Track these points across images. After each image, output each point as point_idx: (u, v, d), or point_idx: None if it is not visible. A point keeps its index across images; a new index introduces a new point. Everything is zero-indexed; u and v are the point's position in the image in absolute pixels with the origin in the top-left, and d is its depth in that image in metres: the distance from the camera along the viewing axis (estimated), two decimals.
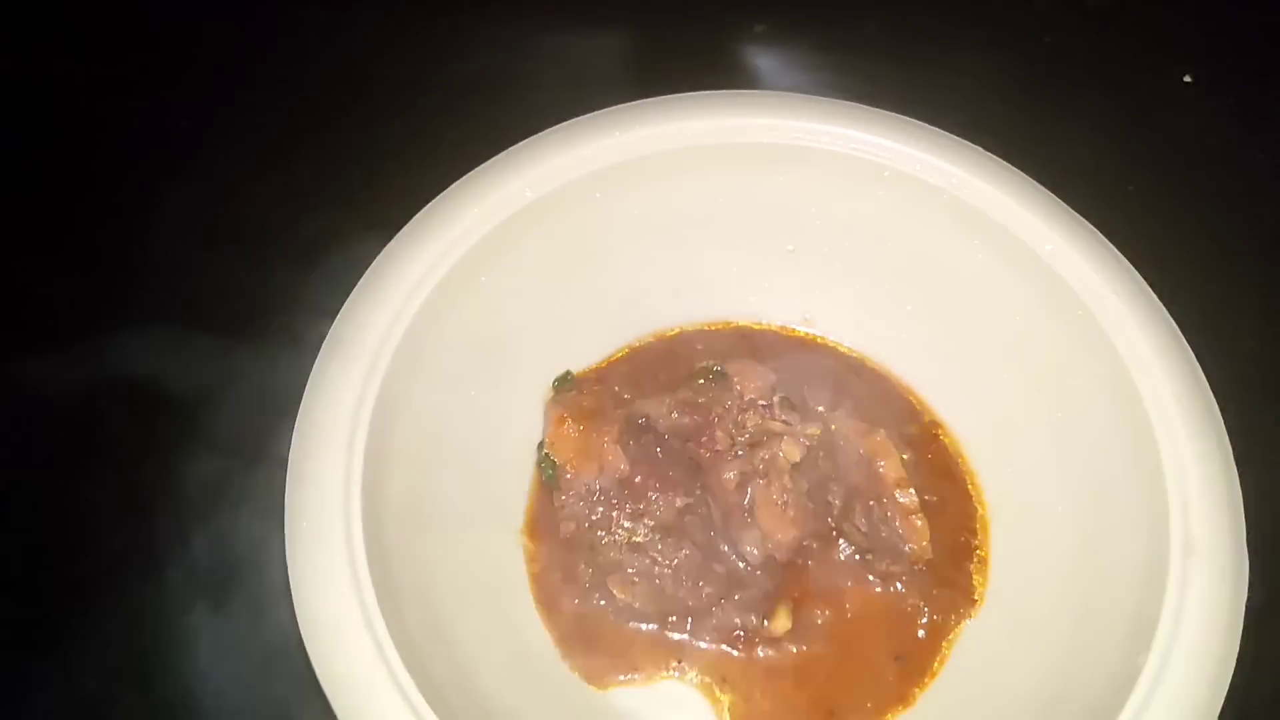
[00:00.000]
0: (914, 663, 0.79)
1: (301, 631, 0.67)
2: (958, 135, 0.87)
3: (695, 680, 0.79)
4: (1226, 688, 0.66)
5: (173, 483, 0.85)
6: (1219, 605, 0.68)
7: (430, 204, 0.82)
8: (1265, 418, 0.91)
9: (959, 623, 0.81)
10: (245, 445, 0.84)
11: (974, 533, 0.84)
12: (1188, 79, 1.12)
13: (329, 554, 0.69)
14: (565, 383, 0.87)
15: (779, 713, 0.78)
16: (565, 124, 0.86)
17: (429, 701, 0.65)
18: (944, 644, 0.80)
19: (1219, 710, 0.65)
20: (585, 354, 0.91)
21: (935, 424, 0.89)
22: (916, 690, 0.78)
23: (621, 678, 0.79)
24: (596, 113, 0.86)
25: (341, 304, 0.78)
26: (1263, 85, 1.12)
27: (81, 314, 0.94)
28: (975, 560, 0.83)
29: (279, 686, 0.80)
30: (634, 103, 0.87)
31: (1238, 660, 0.67)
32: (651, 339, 0.92)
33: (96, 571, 0.85)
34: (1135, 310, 0.77)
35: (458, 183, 0.83)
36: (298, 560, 0.69)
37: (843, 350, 0.92)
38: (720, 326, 0.93)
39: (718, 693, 0.78)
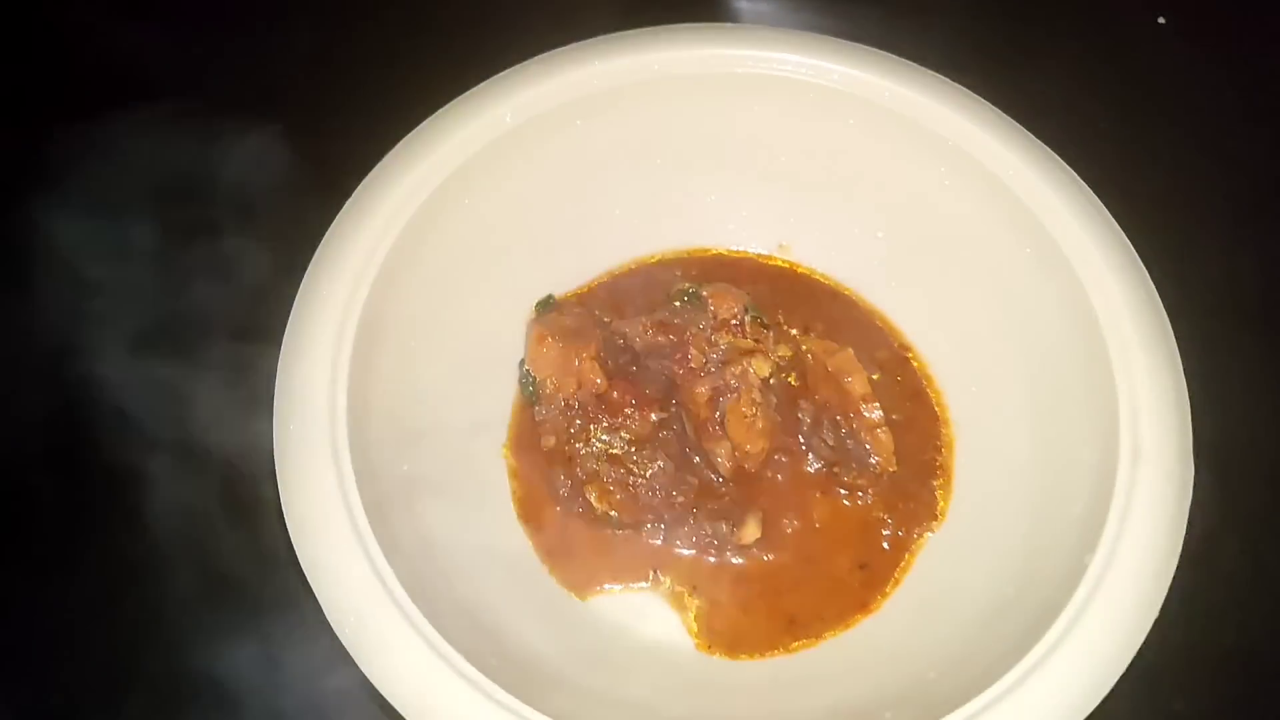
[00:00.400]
0: (877, 571, 0.83)
1: (291, 538, 0.71)
2: (932, 70, 0.90)
3: (668, 588, 0.82)
4: (1168, 585, 0.69)
5: (167, 394, 0.88)
6: (1163, 508, 0.71)
7: (417, 128, 0.85)
8: (1223, 341, 0.94)
9: (922, 534, 0.84)
10: (235, 356, 0.87)
11: (939, 450, 0.87)
12: (1161, 20, 1.14)
13: (316, 461, 0.72)
14: (547, 305, 0.90)
15: (743, 617, 0.81)
16: (548, 54, 0.89)
17: (418, 605, 0.68)
18: (907, 554, 0.83)
19: (1160, 604, 0.69)
20: (567, 279, 0.94)
21: (905, 347, 0.92)
22: (879, 597, 0.82)
23: (602, 588, 0.83)
24: (579, 43, 0.89)
25: (329, 225, 0.82)
26: (1234, 27, 1.14)
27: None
28: (940, 476, 0.86)
29: (269, 591, 0.84)
30: (617, 33, 0.90)
31: (1180, 559, 0.71)
32: (632, 265, 0.95)
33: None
34: (1093, 233, 0.80)
35: (444, 108, 0.86)
36: (286, 468, 0.73)
37: (816, 276, 0.95)
38: (699, 253, 0.96)
39: (687, 598, 0.82)
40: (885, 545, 0.84)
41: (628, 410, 0.83)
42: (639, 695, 0.75)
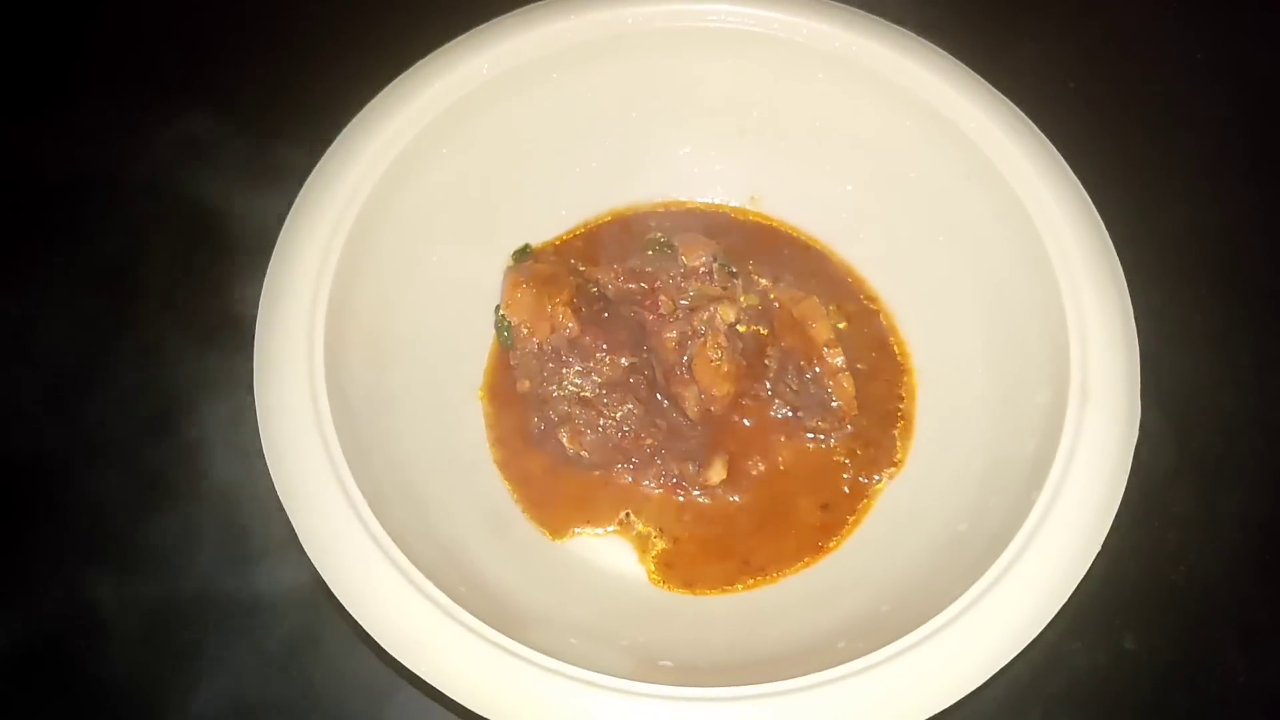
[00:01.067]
0: (838, 513, 0.86)
1: (270, 473, 0.73)
2: (901, 27, 0.92)
3: (636, 528, 0.85)
4: (1110, 521, 0.71)
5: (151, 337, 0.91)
6: (1108, 447, 0.73)
7: (396, 79, 0.87)
8: (1185, 295, 0.97)
9: (883, 478, 0.87)
10: (215, 299, 0.90)
11: (901, 397, 0.90)
12: None
13: (294, 400, 0.74)
14: (523, 255, 0.92)
15: (705, 555, 0.84)
16: (526, 7, 0.91)
17: (392, 536, 0.71)
18: (867, 497, 0.86)
19: (1102, 540, 0.71)
20: (544, 229, 0.96)
21: (870, 298, 0.94)
22: (838, 538, 0.85)
23: (574, 530, 0.86)
24: None
25: (309, 171, 0.84)
26: None
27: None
28: (901, 422, 0.89)
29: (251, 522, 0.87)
30: None
31: (1133, 501, 0.73)
32: (608, 217, 0.98)
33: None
34: (1049, 182, 0.82)
35: (423, 59, 0.88)
36: (265, 405, 0.75)
37: (787, 228, 0.97)
38: (673, 205, 0.98)
39: (654, 538, 0.85)
40: (846, 489, 0.87)
41: (599, 355, 0.85)
42: (603, 625, 0.78)
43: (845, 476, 0.87)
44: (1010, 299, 0.84)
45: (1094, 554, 0.71)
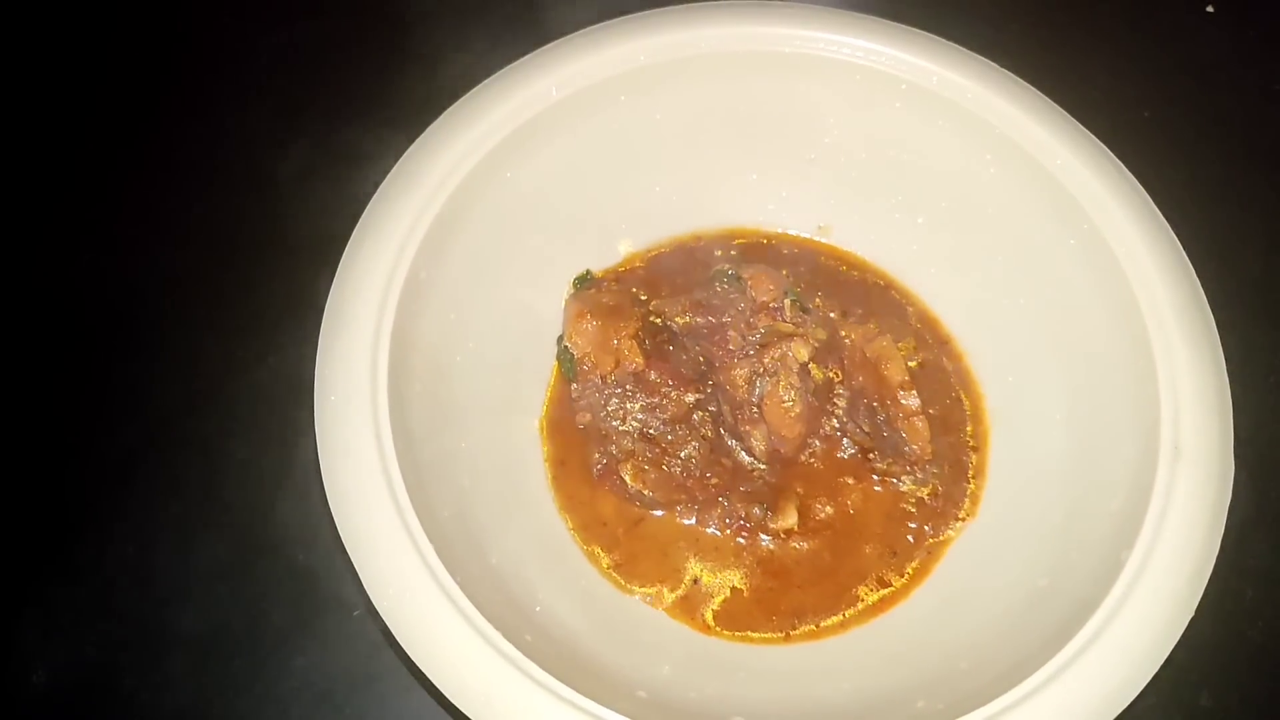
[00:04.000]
0: (907, 561, 0.83)
1: (331, 509, 0.71)
2: (980, 55, 0.89)
3: (700, 576, 0.83)
4: (1204, 585, 0.69)
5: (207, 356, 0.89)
6: (1201, 508, 0.71)
7: (462, 99, 0.84)
8: (1263, 338, 0.94)
9: (955, 525, 0.84)
10: (276, 327, 0.88)
11: (975, 438, 0.87)
12: (1210, 9, 1.13)
13: (356, 434, 0.72)
14: (585, 281, 0.90)
15: (770, 602, 0.81)
16: (595, 27, 0.88)
17: (455, 579, 0.68)
18: (939, 544, 0.84)
19: (1195, 604, 0.69)
20: (606, 255, 0.94)
21: (943, 338, 0.91)
22: (908, 589, 0.82)
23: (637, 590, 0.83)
24: (626, 17, 0.88)
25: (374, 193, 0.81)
26: None
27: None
28: (974, 465, 0.86)
29: (309, 558, 0.85)
30: (664, 9, 0.89)
31: (1218, 560, 0.71)
32: (671, 243, 0.95)
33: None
34: (1139, 226, 0.79)
35: (489, 79, 0.85)
36: (327, 440, 0.72)
37: (855, 259, 0.94)
38: (738, 233, 0.96)
39: (715, 583, 0.82)
40: (913, 537, 0.84)
41: (664, 390, 0.83)
42: (664, 674, 0.75)
43: (912, 526, 0.84)
44: (1093, 345, 0.81)
45: (1187, 620, 0.68)
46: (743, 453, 0.85)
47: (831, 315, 0.90)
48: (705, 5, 0.89)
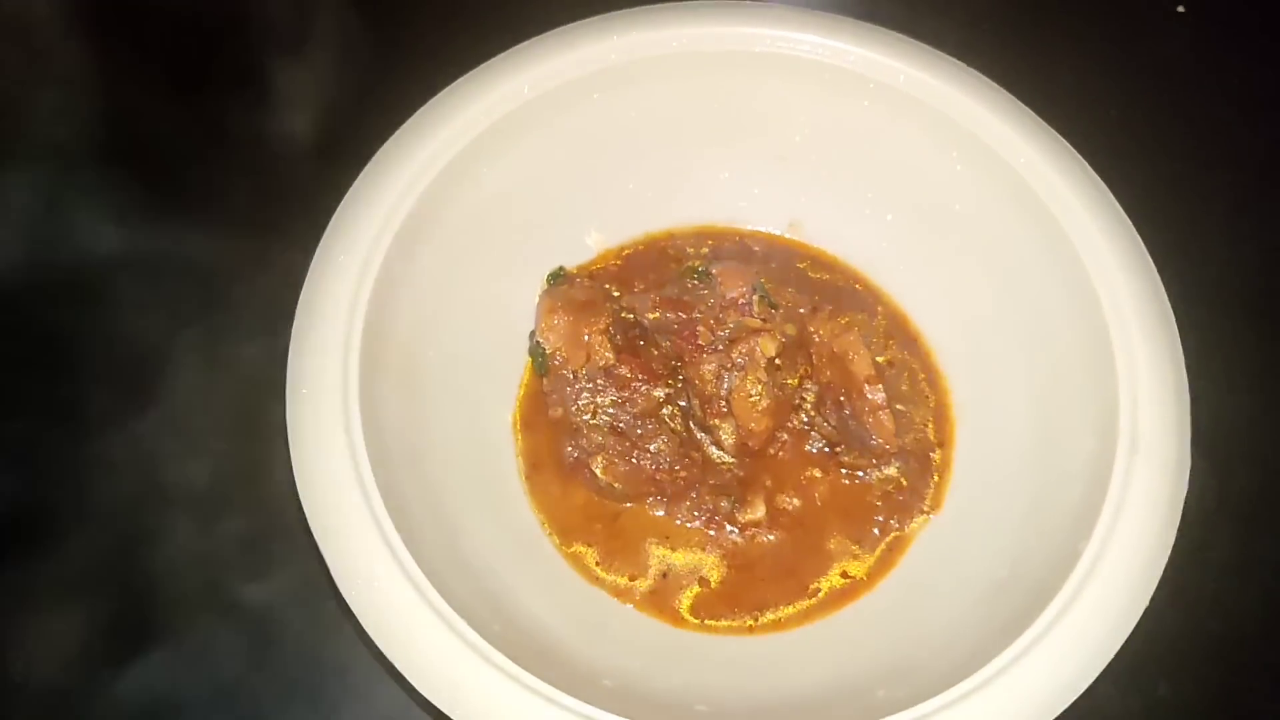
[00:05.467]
0: (873, 553, 0.84)
1: (300, 496, 0.72)
2: (950, 55, 0.90)
3: (669, 562, 0.84)
4: (1159, 576, 0.71)
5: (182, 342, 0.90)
6: (1157, 500, 0.72)
7: (436, 97, 0.85)
8: (1227, 333, 0.95)
9: (921, 518, 0.85)
10: (251, 315, 0.89)
11: (941, 433, 0.89)
12: (1180, 9, 1.14)
13: (326, 427, 0.73)
14: (558, 278, 0.91)
15: (740, 593, 0.83)
16: (567, 26, 0.89)
17: (423, 570, 0.69)
18: (904, 537, 0.85)
19: (1150, 594, 0.70)
20: (579, 252, 0.95)
21: (911, 333, 0.92)
22: (874, 580, 0.83)
23: (605, 565, 0.84)
24: (599, 16, 0.89)
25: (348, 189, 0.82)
26: (1253, 19, 1.14)
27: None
28: (939, 458, 0.87)
29: (282, 549, 0.86)
30: (636, 8, 0.90)
31: (1178, 551, 0.72)
32: (643, 239, 0.96)
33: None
34: (1101, 223, 0.81)
35: (462, 78, 0.86)
36: (298, 433, 0.73)
37: (826, 255, 0.96)
38: (710, 229, 0.97)
39: (686, 573, 0.83)
40: (879, 530, 0.85)
41: (635, 385, 0.84)
42: (636, 666, 0.76)
43: (880, 518, 0.85)
44: (1056, 341, 0.82)
45: (1141, 610, 0.70)
46: (711, 446, 0.86)
47: (801, 311, 0.91)
48: (677, 5, 0.90)
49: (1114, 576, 0.70)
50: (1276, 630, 0.87)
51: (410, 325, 0.82)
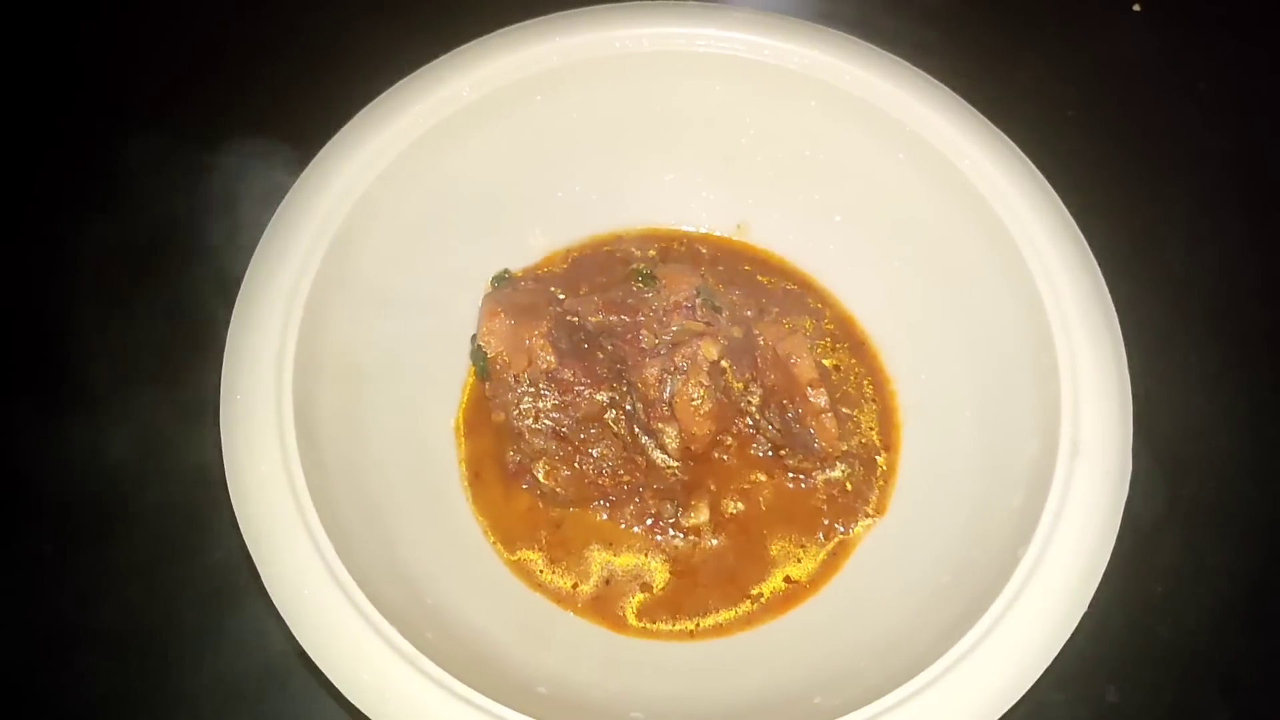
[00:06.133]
0: (816, 558, 0.83)
1: (233, 505, 0.71)
2: (907, 57, 0.89)
3: (610, 566, 0.83)
4: (1098, 580, 0.69)
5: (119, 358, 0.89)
6: (1098, 505, 0.71)
7: (376, 99, 0.84)
8: (1180, 336, 0.95)
9: (865, 522, 0.85)
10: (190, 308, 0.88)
11: (886, 436, 0.88)
12: (1137, 8, 1.13)
13: (260, 433, 0.72)
14: (503, 280, 0.90)
15: (682, 598, 0.82)
16: (509, 28, 0.88)
17: (355, 578, 0.68)
18: (846, 543, 0.84)
19: (1089, 599, 0.69)
20: (525, 254, 0.94)
21: (857, 336, 0.92)
22: (816, 586, 0.82)
23: (546, 567, 0.83)
24: (541, 18, 0.88)
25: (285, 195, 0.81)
26: (1210, 18, 1.13)
27: None
28: (884, 463, 0.87)
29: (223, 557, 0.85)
30: (579, 9, 0.89)
31: (1121, 551, 0.71)
32: (590, 243, 0.95)
33: None
34: (1044, 224, 0.80)
35: (403, 80, 0.85)
36: (231, 438, 0.73)
37: (773, 258, 0.95)
38: (657, 232, 0.96)
39: (628, 578, 0.82)
40: (823, 535, 0.84)
41: (577, 389, 0.83)
42: (574, 674, 0.75)
43: (824, 522, 0.84)
44: (1001, 345, 0.81)
45: (1079, 615, 0.69)
46: (655, 450, 0.85)
47: (748, 313, 0.90)
48: (620, 6, 0.89)
49: (1053, 581, 0.69)
50: (1227, 636, 0.86)
51: (349, 330, 0.81)
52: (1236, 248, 1.01)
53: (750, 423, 0.86)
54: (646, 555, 0.83)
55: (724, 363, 0.85)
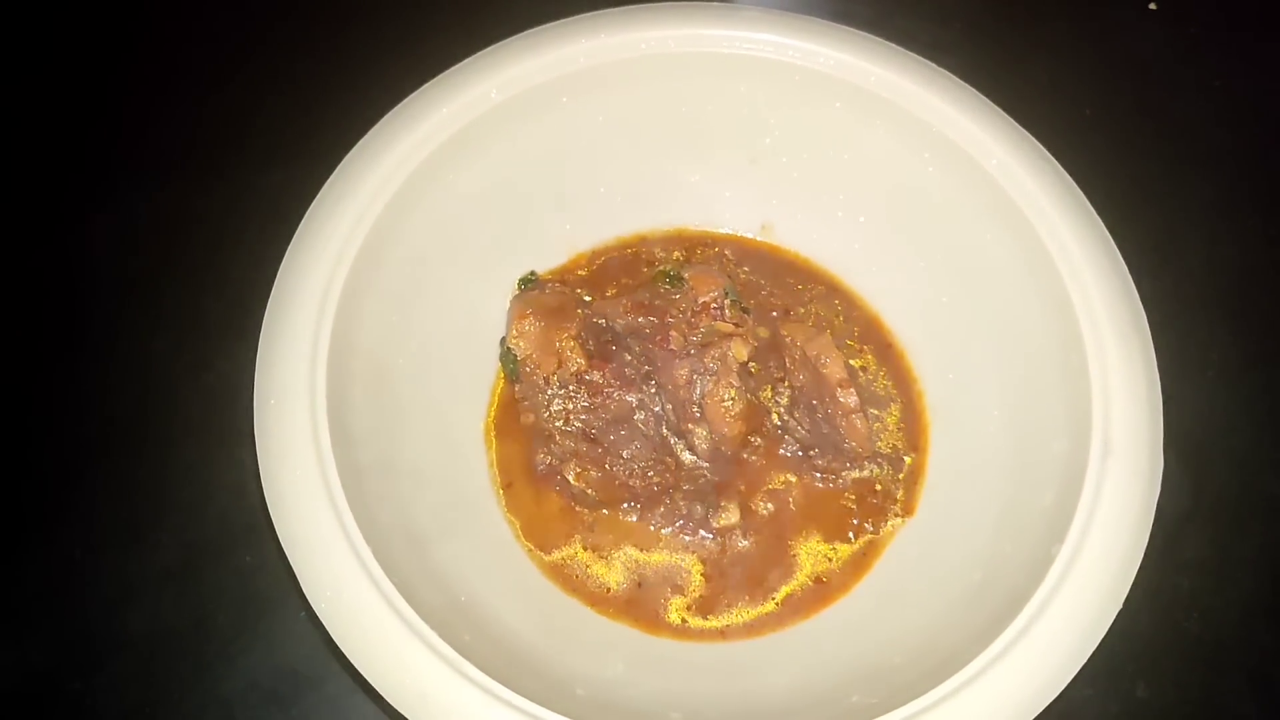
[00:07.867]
0: (847, 557, 0.84)
1: (269, 508, 0.71)
2: (923, 56, 0.89)
3: (644, 568, 0.83)
4: (1132, 578, 0.70)
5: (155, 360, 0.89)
6: (1130, 502, 0.71)
7: (402, 102, 0.84)
8: (1203, 333, 0.95)
9: (894, 521, 0.85)
10: (219, 324, 0.88)
11: (914, 437, 0.88)
12: (1153, 6, 1.14)
13: (295, 436, 0.72)
14: (529, 282, 0.90)
15: (714, 599, 0.82)
16: (535, 29, 0.88)
17: (392, 580, 0.68)
18: (876, 543, 0.84)
19: (1124, 597, 0.69)
20: (550, 256, 0.94)
21: (883, 333, 0.92)
22: (847, 585, 0.83)
23: (579, 569, 0.84)
24: (567, 19, 0.88)
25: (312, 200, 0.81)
26: (1224, 17, 1.14)
27: None
28: (913, 462, 0.87)
29: (256, 560, 0.86)
30: (605, 10, 0.89)
31: (1148, 548, 0.71)
32: (614, 244, 0.95)
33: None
34: (1072, 223, 0.80)
35: (429, 83, 0.85)
36: (266, 442, 0.72)
37: (798, 258, 0.95)
38: (682, 233, 0.96)
39: (661, 579, 0.83)
40: (854, 534, 0.85)
41: (606, 390, 0.84)
42: (604, 673, 0.76)
43: (854, 522, 0.85)
44: (1029, 343, 0.82)
45: (1114, 613, 0.69)
46: (685, 451, 0.85)
47: (774, 314, 0.91)
48: (645, 7, 0.89)
49: (1088, 579, 0.69)
50: (1254, 631, 0.87)
51: (379, 333, 0.81)
52: (1256, 245, 1.01)
53: (779, 423, 0.87)
54: (678, 556, 0.84)
55: (752, 364, 0.85)
